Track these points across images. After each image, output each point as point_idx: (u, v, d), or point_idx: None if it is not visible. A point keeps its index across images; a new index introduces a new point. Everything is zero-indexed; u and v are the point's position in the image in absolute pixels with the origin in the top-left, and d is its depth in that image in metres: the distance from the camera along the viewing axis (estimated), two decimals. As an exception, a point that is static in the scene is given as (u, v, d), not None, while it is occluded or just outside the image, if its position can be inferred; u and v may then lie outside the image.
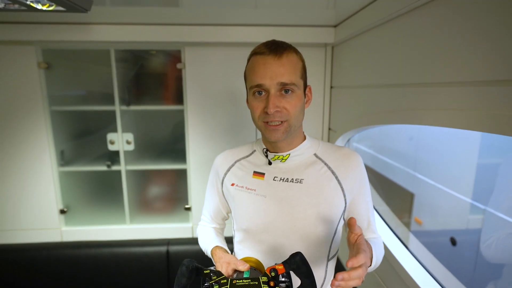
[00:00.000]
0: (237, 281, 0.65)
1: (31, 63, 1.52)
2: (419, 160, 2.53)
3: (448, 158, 2.12)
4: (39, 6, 0.91)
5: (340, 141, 1.52)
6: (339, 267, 1.56)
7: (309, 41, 1.49)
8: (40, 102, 1.56)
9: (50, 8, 0.94)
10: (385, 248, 1.06)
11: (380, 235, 0.88)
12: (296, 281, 0.66)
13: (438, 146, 2.21)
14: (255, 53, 0.76)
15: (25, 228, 1.68)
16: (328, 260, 0.84)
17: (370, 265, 0.72)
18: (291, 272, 0.66)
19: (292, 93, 0.73)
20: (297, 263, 0.64)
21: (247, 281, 0.65)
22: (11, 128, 1.57)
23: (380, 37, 1.08)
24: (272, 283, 0.64)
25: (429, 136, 2.32)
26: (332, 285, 0.57)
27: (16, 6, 0.93)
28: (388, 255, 1.12)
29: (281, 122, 0.73)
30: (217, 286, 0.64)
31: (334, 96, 1.60)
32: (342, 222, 0.84)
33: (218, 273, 0.67)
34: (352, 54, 1.35)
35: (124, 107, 1.62)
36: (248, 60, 0.79)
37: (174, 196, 1.80)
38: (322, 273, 0.83)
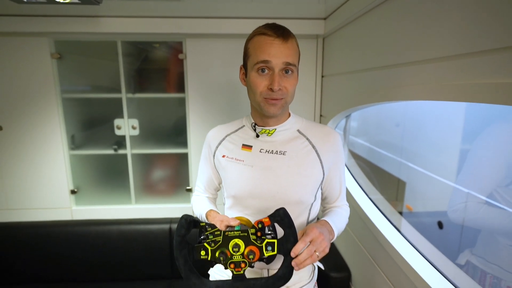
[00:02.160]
0: (229, 232, 0.75)
1: (45, 54, 1.64)
2: (409, 150, 2.63)
3: (435, 145, 2.23)
4: (58, -1, 1.03)
5: (329, 125, 1.64)
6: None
7: (301, 33, 1.60)
8: (52, 90, 1.68)
9: (68, 1, 1.06)
10: (379, 232, 1.15)
11: (347, 203, 0.99)
12: (280, 233, 0.76)
13: (426, 135, 2.31)
14: (261, 33, 0.80)
15: (38, 207, 1.81)
16: (308, 223, 0.93)
17: (333, 238, 0.85)
18: (276, 225, 0.77)
19: (291, 73, 0.81)
20: (281, 215, 0.74)
21: (238, 232, 0.75)
22: (26, 114, 1.70)
23: (364, 26, 1.20)
24: (259, 233, 0.74)
25: (415, 126, 2.42)
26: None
27: (37, -1, 1.05)
28: (382, 240, 1.18)
29: (281, 98, 0.82)
30: (212, 237, 0.74)
31: (325, 84, 1.72)
32: (320, 191, 0.94)
33: (213, 226, 0.77)
34: (340, 43, 1.47)
35: (130, 95, 1.74)
36: (250, 39, 0.84)
37: (176, 178, 1.93)
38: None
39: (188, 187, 1.86)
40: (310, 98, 1.78)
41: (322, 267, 1.04)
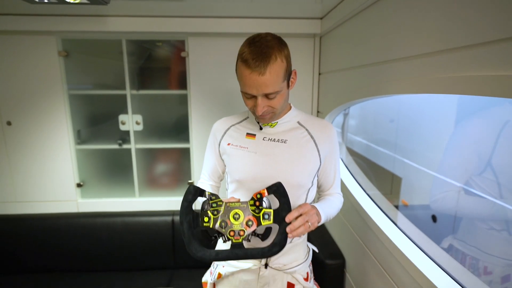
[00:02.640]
0: (230, 203, 0.82)
1: (52, 52, 1.71)
2: (403, 146, 2.70)
3: (428, 140, 2.29)
4: (69, -1, 1.09)
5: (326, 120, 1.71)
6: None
7: (299, 32, 1.67)
8: (59, 86, 1.75)
9: (77, 1, 1.12)
10: (371, 220, 1.21)
11: (341, 193, 1.06)
12: (275, 204, 0.83)
13: (420, 130, 2.38)
14: (243, 60, 0.81)
15: (45, 200, 1.88)
16: None
17: (320, 221, 0.91)
18: (272, 199, 0.83)
19: (276, 95, 0.84)
20: (277, 186, 0.82)
21: (238, 203, 0.82)
22: (34, 110, 1.77)
23: (357, 25, 1.26)
24: (257, 203, 0.82)
25: (409, 121, 2.48)
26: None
27: (48, -1, 1.11)
28: (374, 227, 1.24)
29: (268, 114, 0.89)
30: (215, 205, 0.81)
31: (322, 82, 1.79)
32: (316, 178, 1.01)
33: (216, 196, 0.84)
34: (336, 42, 1.53)
35: (134, 92, 1.81)
36: (237, 60, 0.85)
37: (179, 172, 2.00)
38: None
39: (190, 181, 1.93)
40: (308, 95, 1.85)
41: (316, 250, 1.11)
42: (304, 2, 1.48)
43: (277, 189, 0.81)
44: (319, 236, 1.67)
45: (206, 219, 0.81)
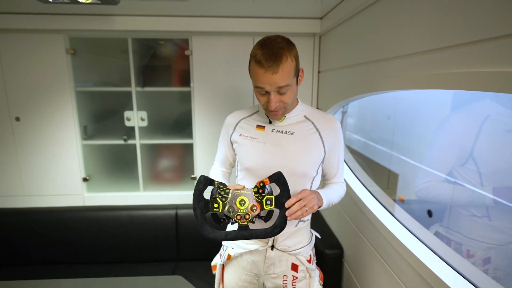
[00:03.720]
0: (237, 191, 0.91)
1: (60, 49, 1.76)
2: (399, 142, 2.76)
3: (424, 138, 2.36)
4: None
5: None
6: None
7: (299, 31, 1.73)
8: (67, 83, 1.80)
9: (89, 1, 1.18)
10: (373, 215, 1.27)
11: (344, 182, 1.13)
12: (276, 192, 0.92)
13: (416, 127, 2.44)
14: (256, 61, 0.89)
15: (52, 194, 1.93)
16: None
17: (322, 205, 0.99)
18: (274, 185, 0.91)
19: (287, 90, 0.92)
20: (277, 175, 0.91)
21: (244, 191, 0.91)
22: (42, 106, 1.82)
23: (355, 25, 1.33)
24: (260, 191, 0.90)
25: (405, 118, 2.55)
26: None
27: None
28: (375, 221, 1.28)
29: (280, 109, 0.97)
30: (223, 193, 0.90)
31: (322, 79, 1.85)
32: (321, 168, 1.08)
33: (224, 185, 0.92)
34: (335, 41, 1.59)
35: (139, 89, 1.86)
36: (250, 61, 0.94)
37: (182, 167, 2.05)
38: None
39: (193, 175, 1.98)
40: (308, 92, 1.91)
41: (319, 236, 1.18)
42: (304, 2, 1.54)
43: (278, 178, 0.90)
44: (319, 227, 1.73)
45: (215, 205, 0.90)
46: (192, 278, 1.77)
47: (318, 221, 1.84)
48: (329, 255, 1.50)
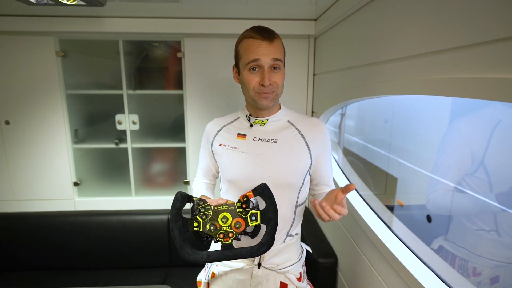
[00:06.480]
0: (218, 207, 0.83)
1: (50, 52, 1.73)
2: (398, 146, 2.71)
3: (423, 142, 2.31)
4: (65, 1, 1.11)
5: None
6: (308, 216, 1.77)
7: (293, 33, 1.69)
8: (57, 86, 1.77)
9: (74, 3, 1.14)
10: (368, 227, 1.20)
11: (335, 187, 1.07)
12: (262, 206, 0.84)
13: (414, 131, 2.39)
14: (249, 36, 0.89)
15: (43, 198, 1.90)
16: (297, 206, 1.01)
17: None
18: (258, 199, 0.85)
19: (279, 69, 0.91)
20: (262, 188, 0.83)
21: (226, 206, 0.83)
22: (32, 109, 1.79)
23: (350, 27, 1.28)
24: (244, 205, 0.83)
25: (403, 122, 2.50)
26: (315, 204, 0.79)
27: (45, 1, 1.13)
28: (370, 234, 1.23)
29: (272, 92, 0.92)
30: (203, 210, 0.83)
31: (317, 82, 1.80)
32: (308, 176, 1.02)
33: (204, 201, 0.84)
34: (330, 43, 1.55)
35: (131, 92, 1.83)
36: (239, 42, 0.93)
37: (174, 171, 2.01)
38: (291, 216, 1.02)
39: (185, 180, 1.95)
40: (303, 95, 1.87)
41: (310, 250, 1.12)
42: (298, 4, 1.50)
43: (263, 191, 0.82)
44: (313, 235, 1.69)
45: (195, 224, 0.82)
46: (183, 285, 1.73)
47: (312, 228, 1.80)
48: (323, 264, 1.45)
